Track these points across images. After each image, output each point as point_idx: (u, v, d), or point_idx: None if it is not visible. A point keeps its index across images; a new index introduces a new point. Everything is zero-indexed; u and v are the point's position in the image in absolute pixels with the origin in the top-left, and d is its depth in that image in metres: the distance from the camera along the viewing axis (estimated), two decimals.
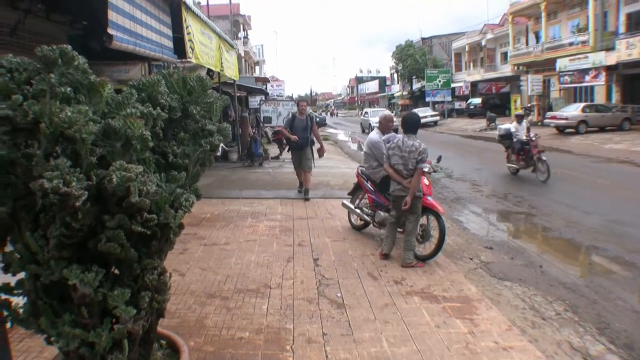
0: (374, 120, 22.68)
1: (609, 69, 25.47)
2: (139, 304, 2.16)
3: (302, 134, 9.21)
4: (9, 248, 2.31)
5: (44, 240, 2.05)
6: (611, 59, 24.54)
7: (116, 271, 2.34)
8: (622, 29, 26.43)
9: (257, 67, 47.73)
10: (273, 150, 16.43)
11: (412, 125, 5.67)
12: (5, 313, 2.39)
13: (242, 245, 6.20)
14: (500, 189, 11.06)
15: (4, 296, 2.36)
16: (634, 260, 5.92)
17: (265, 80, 27.14)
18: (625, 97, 26.29)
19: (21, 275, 2.34)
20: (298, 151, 9.41)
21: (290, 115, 9.91)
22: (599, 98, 27.75)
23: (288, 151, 9.95)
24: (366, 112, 37.15)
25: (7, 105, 1.72)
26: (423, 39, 57.03)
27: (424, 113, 39.43)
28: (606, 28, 27.37)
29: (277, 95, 27.22)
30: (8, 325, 2.58)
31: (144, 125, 1.90)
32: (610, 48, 25.00)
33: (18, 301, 2.38)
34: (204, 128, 2.28)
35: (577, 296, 4.88)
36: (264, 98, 21.19)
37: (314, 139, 9.61)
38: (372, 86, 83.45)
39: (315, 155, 9.83)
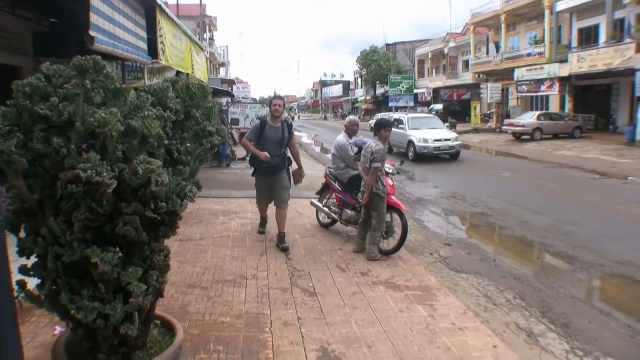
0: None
1: (563, 80, 26.91)
2: (148, 281, 2.48)
3: (275, 150, 6.22)
4: (22, 234, 2.59)
5: (65, 225, 2.35)
6: (565, 70, 25.92)
7: (120, 253, 2.66)
8: (575, 43, 28.10)
9: (222, 69, 47.65)
10: (240, 151, 16.66)
11: (376, 127, 6.21)
12: (20, 293, 2.66)
13: (217, 241, 6.50)
14: (459, 191, 11.68)
15: (20, 277, 2.64)
16: (577, 255, 6.56)
17: (231, 83, 27.28)
18: (577, 107, 27.88)
19: (32, 260, 2.62)
20: (268, 177, 6.33)
21: (259, 121, 6.53)
22: (554, 107, 29.28)
23: (253, 175, 6.59)
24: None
25: (46, 106, 2.03)
26: (387, 45, 58.24)
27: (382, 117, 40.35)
28: (561, 41, 28.88)
29: (242, 98, 27.37)
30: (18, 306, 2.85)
31: (159, 126, 2.23)
32: (564, 60, 26.41)
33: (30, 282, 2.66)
34: (205, 129, 2.62)
35: (526, 286, 5.43)
36: (230, 100, 21.39)
37: (291, 157, 6.60)
38: (336, 90, 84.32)
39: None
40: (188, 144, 2.61)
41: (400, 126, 18.60)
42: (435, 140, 17.32)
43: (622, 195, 10.90)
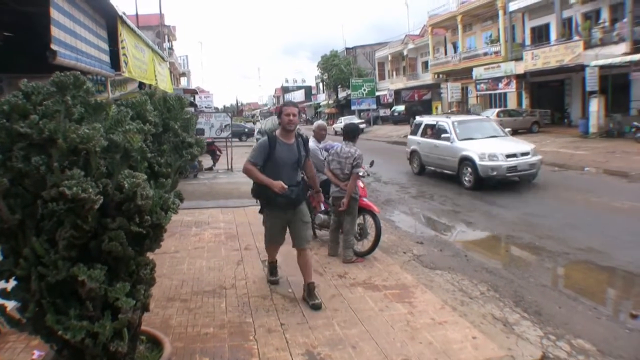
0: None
1: (519, 77, 27.85)
2: (136, 296, 2.47)
3: (291, 176, 4.68)
4: None
5: (48, 243, 2.32)
6: (520, 68, 26.83)
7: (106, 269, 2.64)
8: (528, 41, 29.16)
9: (183, 79, 47.09)
10: (206, 161, 16.53)
11: (350, 133, 6.24)
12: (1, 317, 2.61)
13: (192, 252, 6.45)
14: (426, 190, 11.92)
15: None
16: (543, 245, 6.82)
17: (193, 92, 27.00)
18: (534, 102, 28.88)
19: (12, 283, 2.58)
20: (285, 211, 4.74)
21: (264, 138, 4.84)
22: (511, 104, 30.24)
23: (260, 212, 5.07)
24: None
25: (26, 124, 2.01)
26: (347, 48, 58.84)
27: (351, 121, 40.64)
28: (515, 40, 29.86)
29: (205, 107, 27.11)
30: None
31: (141, 140, 2.24)
32: (519, 58, 27.32)
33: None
34: (184, 141, 2.64)
35: (498, 277, 5.61)
36: (193, 110, 21.17)
37: (307, 179, 5.21)
38: (298, 95, 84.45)
39: None
40: (168, 156, 2.62)
41: (443, 135, 12.66)
42: (509, 156, 11.15)
43: (580, 186, 11.36)
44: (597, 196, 9.97)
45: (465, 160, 11.56)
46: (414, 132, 15.04)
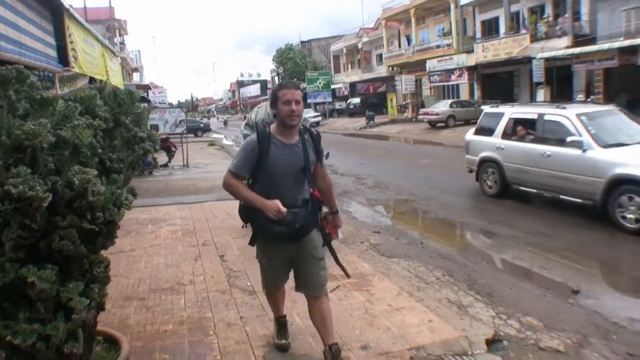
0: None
1: (471, 69, 28.66)
2: (90, 295, 2.43)
3: (293, 193, 3.16)
4: None
5: None
6: (471, 60, 27.65)
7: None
8: (479, 34, 30.07)
9: (135, 74, 45.78)
10: (162, 158, 16.21)
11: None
12: None
13: (148, 250, 6.34)
14: (382, 180, 12.12)
15: None
16: (493, 230, 7.09)
17: (146, 88, 26.35)
18: (485, 93, 29.75)
19: None
20: (285, 246, 3.25)
21: (252, 136, 3.16)
22: (464, 95, 31.07)
23: (251, 243, 3.47)
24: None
25: None
26: (302, 42, 58.80)
27: (307, 114, 40.68)
28: (466, 33, 30.66)
29: (159, 103, 26.50)
30: None
31: (91, 135, 2.19)
32: (470, 51, 28.14)
33: None
34: (136, 135, 2.60)
35: (452, 263, 5.80)
36: (147, 105, 20.69)
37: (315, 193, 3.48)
38: (254, 90, 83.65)
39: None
40: (119, 152, 2.58)
41: (571, 140, 7.45)
42: None
43: None
44: None
45: (625, 184, 6.68)
46: (484, 130, 9.73)
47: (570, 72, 22.28)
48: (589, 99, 20.51)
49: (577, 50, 20.57)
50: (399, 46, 39.62)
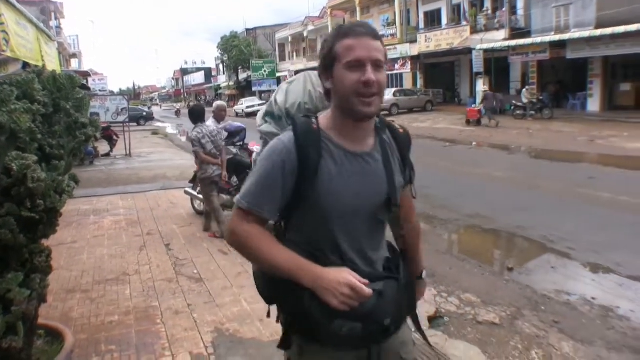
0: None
1: (414, 59, 29.42)
2: (31, 285, 2.37)
3: (367, 247, 1.50)
4: None
5: None
6: (415, 50, 28.44)
7: None
8: (422, 24, 30.80)
9: (73, 60, 43.62)
10: (103, 147, 15.69)
11: (200, 115, 6.39)
12: None
13: (91, 242, 6.18)
14: None
15: None
16: (435, 214, 7.37)
17: (85, 75, 25.21)
18: (427, 82, 30.62)
19: None
20: (357, 352, 1.49)
21: (287, 136, 1.45)
22: (407, 84, 31.76)
23: (282, 346, 1.62)
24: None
25: None
26: (248, 30, 58.02)
27: (252, 103, 40.75)
28: (410, 23, 31.32)
29: (99, 90, 25.47)
30: None
31: (29, 120, 2.14)
32: (413, 41, 28.88)
33: None
34: (77, 121, 2.54)
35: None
36: (87, 93, 19.83)
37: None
38: (198, 77, 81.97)
39: None
40: (60, 138, 2.52)
41: None
42: None
43: (467, 159, 12.34)
44: (482, 167, 10.89)
45: None
46: None
47: (507, 63, 23.30)
48: (524, 89, 21.52)
49: (513, 42, 21.55)
50: None
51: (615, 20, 17.33)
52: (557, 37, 19.71)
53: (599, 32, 17.96)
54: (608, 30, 17.46)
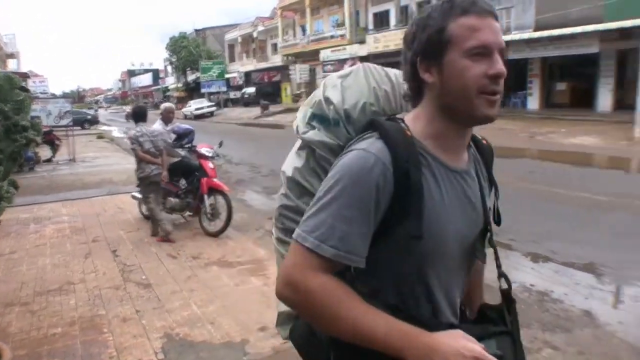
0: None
1: (363, 59, 29.74)
2: None
3: (457, 293, 1.22)
4: None
5: None
6: (364, 50, 29.06)
7: None
8: (371, 25, 31.44)
9: (11, 61, 41.42)
10: (44, 152, 15.07)
11: (142, 115, 6.46)
12: None
13: (31, 251, 5.95)
14: (277, 168, 12.18)
15: None
16: None
17: (24, 76, 24.06)
18: None
19: None
20: None
21: (379, 148, 1.05)
22: None
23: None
24: None
25: None
26: (197, 30, 57.22)
27: (201, 104, 40.21)
28: (359, 24, 31.84)
29: (40, 93, 24.36)
30: None
31: None
32: (363, 41, 29.52)
33: None
34: (17, 124, 2.46)
35: None
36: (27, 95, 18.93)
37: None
38: (146, 79, 79.99)
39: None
40: None
41: None
42: None
43: None
44: None
45: None
46: None
47: None
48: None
49: None
50: (294, 36, 39.94)
51: (553, 23, 18.21)
52: None
53: (537, 34, 18.86)
54: (545, 33, 18.34)
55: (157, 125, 6.96)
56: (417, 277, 1.10)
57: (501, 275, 1.22)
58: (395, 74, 1.30)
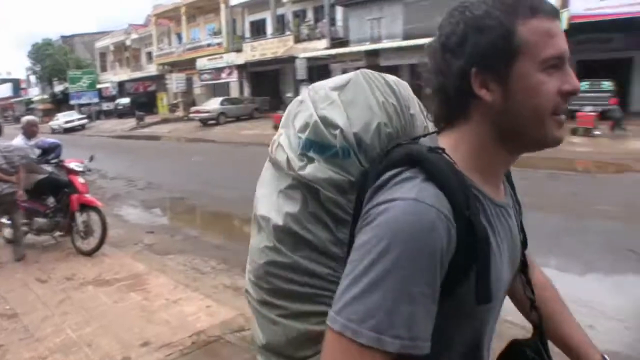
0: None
1: (240, 67, 30.11)
2: None
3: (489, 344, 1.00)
4: None
5: None
6: (241, 58, 29.19)
7: None
8: (248, 34, 31.80)
9: None
10: None
11: None
12: None
13: None
14: (154, 181, 12.00)
15: None
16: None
17: None
18: (254, 90, 31.49)
19: None
20: None
21: (437, 197, 0.76)
22: (234, 92, 32.21)
23: None
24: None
25: None
26: (64, 37, 53.14)
27: (70, 117, 37.71)
28: (236, 32, 31.92)
29: None
30: None
31: None
32: (240, 50, 29.57)
33: None
34: None
35: (226, 251, 6.13)
36: None
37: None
38: (4, 90, 72.30)
39: None
40: None
41: None
42: None
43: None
44: None
45: None
46: None
47: (328, 70, 25.00)
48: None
49: (334, 51, 23.46)
50: (170, 44, 38.82)
51: (419, 33, 19.75)
52: (371, 47, 21.97)
53: (405, 43, 20.40)
54: (412, 42, 19.86)
55: (18, 140, 6.43)
56: (470, 332, 0.89)
57: (533, 307, 1.04)
58: (394, 81, 1.04)
